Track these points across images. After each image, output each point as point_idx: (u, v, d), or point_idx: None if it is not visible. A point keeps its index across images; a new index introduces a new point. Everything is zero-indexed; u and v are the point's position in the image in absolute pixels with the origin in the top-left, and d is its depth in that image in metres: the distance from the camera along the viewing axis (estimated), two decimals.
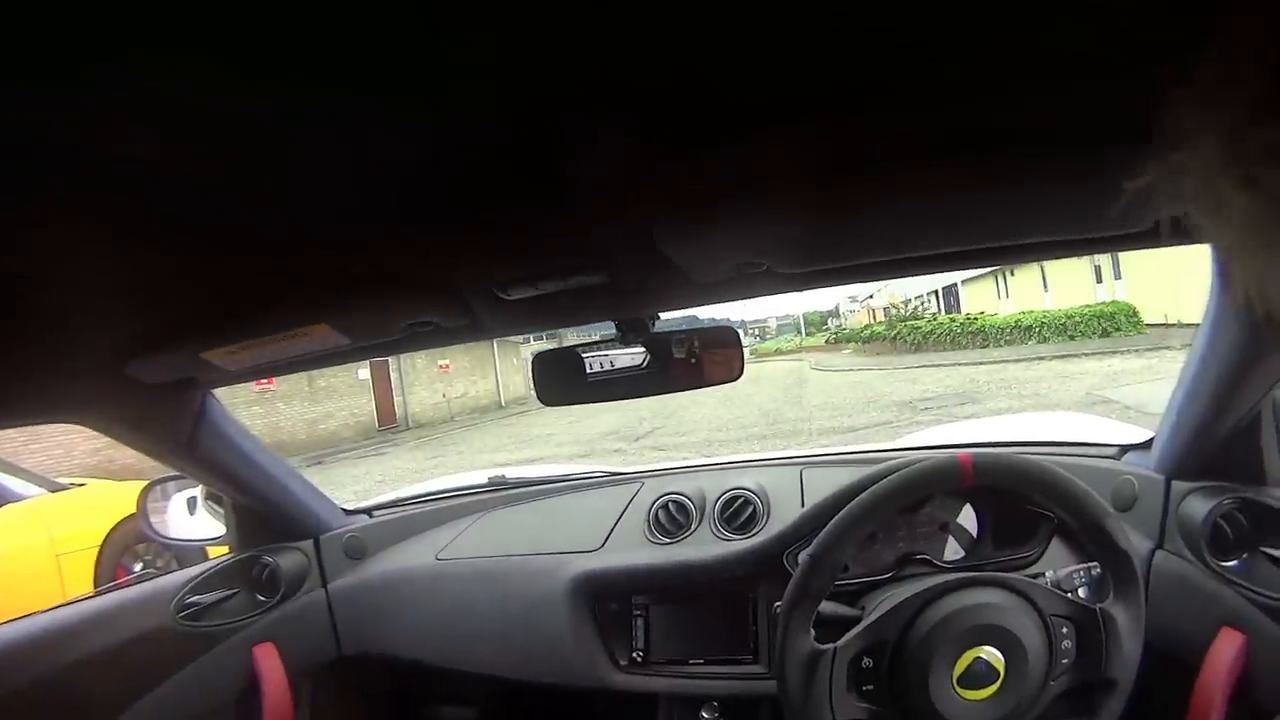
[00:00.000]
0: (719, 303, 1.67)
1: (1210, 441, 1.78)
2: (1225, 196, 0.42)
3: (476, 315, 1.49)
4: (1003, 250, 1.38)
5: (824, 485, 2.17)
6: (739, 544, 2.22)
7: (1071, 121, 0.86)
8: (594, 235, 1.18)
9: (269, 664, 2.24)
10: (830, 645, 1.62)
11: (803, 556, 1.71)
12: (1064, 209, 1.17)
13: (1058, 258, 1.53)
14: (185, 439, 1.96)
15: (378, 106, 0.73)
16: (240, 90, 0.66)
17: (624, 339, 1.71)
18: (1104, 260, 27.50)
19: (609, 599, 2.27)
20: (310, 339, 1.44)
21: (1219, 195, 0.42)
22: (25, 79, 0.59)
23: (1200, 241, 1.16)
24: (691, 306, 1.70)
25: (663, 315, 1.72)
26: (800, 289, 1.60)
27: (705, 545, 2.28)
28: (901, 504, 1.71)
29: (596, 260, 1.26)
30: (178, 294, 1.25)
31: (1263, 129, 0.39)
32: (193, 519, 2.47)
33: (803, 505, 2.26)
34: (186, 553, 5.60)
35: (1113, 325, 25.09)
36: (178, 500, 2.47)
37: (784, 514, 2.24)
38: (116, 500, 6.57)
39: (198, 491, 2.47)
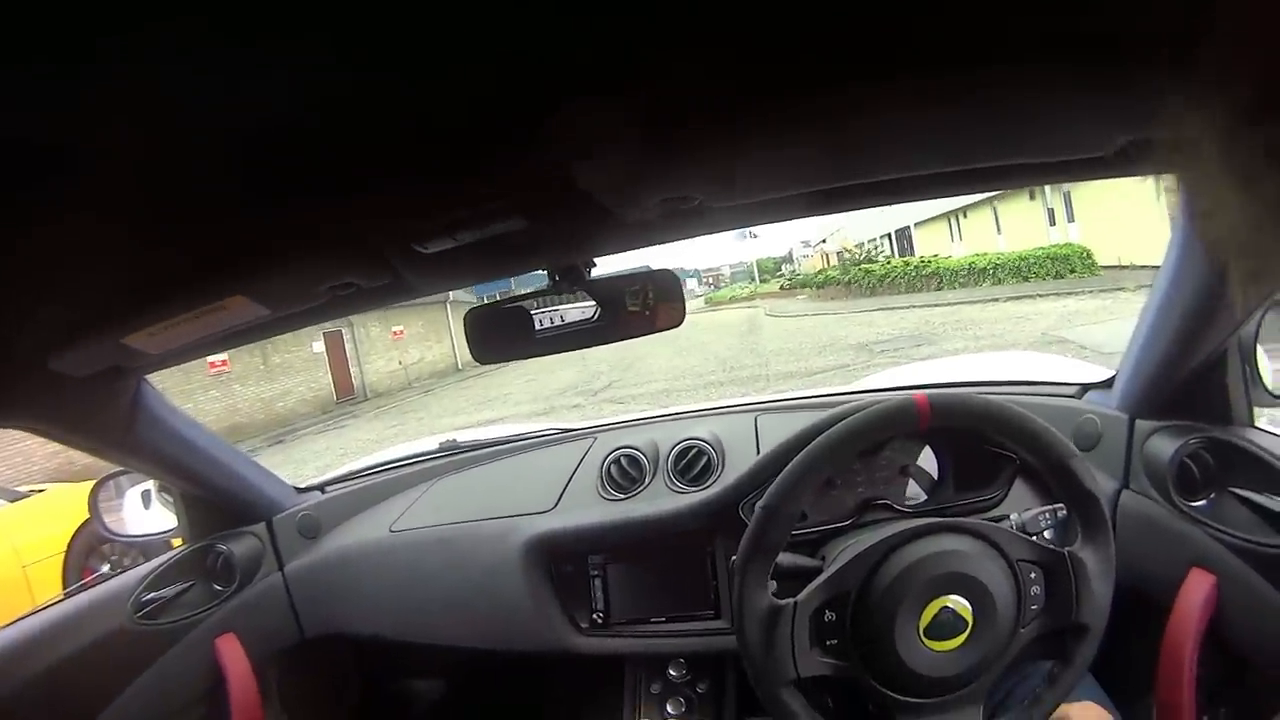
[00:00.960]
0: (654, 244, 1.60)
1: (1175, 380, 1.78)
2: (1223, 197, 0.41)
3: (398, 272, 1.42)
4: (950, 177, 1.32)
5: (780, 432, 2.16)
6: (693, 496, 2.20)
7: (1029, 36, 0.82)
8: (509, 178, 1.12)
9: (232, 655, 2.20)
10: (790, 600, 1.59)
11: (756, 508, 1.67)
12: (1023, 131, 1.12)
13: (1010, 186, 1.51)
14: (123, 431, 1.90)
15: (274, 53, 0.68)
16: (130, 41, 0.61)
17: (558, 289, 1.64)
18: (1057, 202, 27.91)
19: (564, 560, 2.25)
20: (230, 312, 1.38)
21: (1217, 195, 0.42)
22: None
23: (1154, 172, 1.14)
24: (625, 249, 1.64)
25: (601, 262, 1.66)
26: (737, 225, 1.55)
27: (659, 499, 2.26)
28: (858, 448, 1.67)
29: (512, 204, 1.19)
30: (89, 279, 1.19)
31: (1260, 129, 0.38)
32: (148, 513, 2.43)
33: (758, 453, 2.23)
34: (151, 548, 5.55)
35: (1067, 267, 25.56)
36: (132, 495, 2.41)
37: (739, 463, 2.21)
38: (78, 503, 6.44)
39: (151, 484, 2.41)
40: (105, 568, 6.46)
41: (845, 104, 0.96)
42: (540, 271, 1.63)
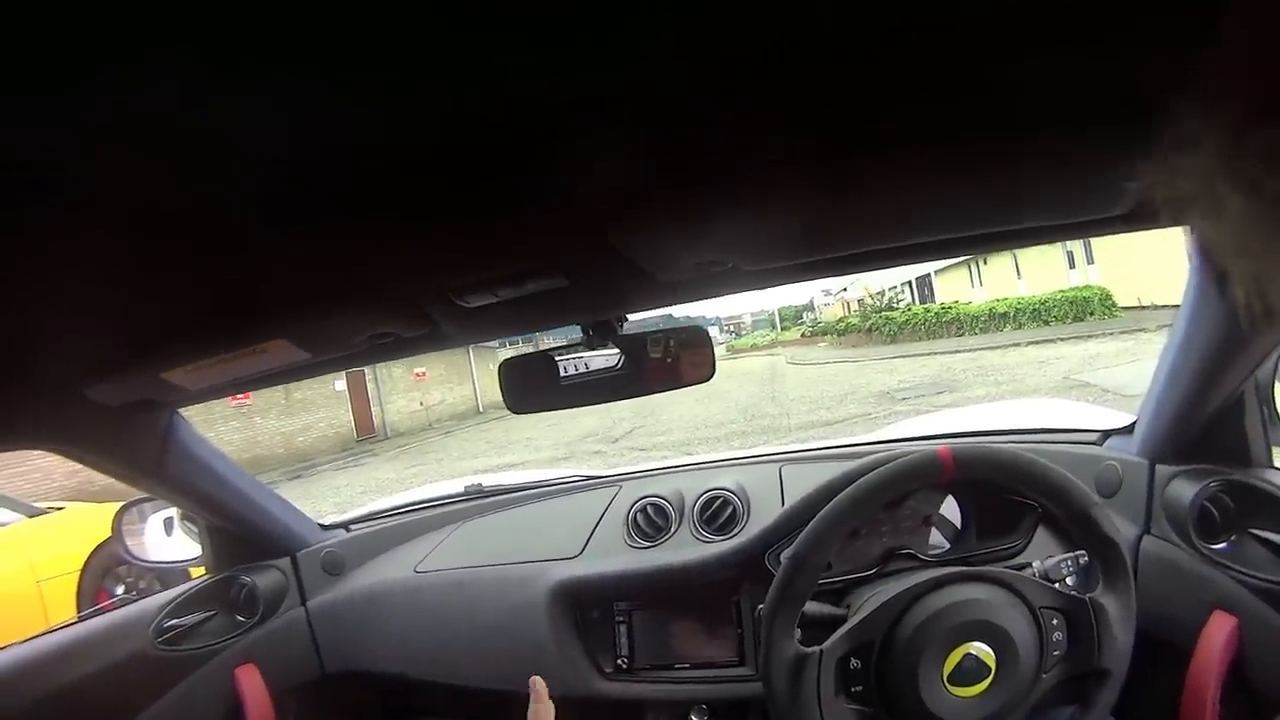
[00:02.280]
0: (685, 302, 1.64)
1: (1193, 424, 1.78)
2: (1224, 199, 0.41)
3: (437, 324, 1.46)
4: (975, 240, 1.35)
5: (804, 482, 2.15)
6: (719, 545, 2.20)
7: (1048, 108, 0.84)
8: (548, 239, 1.16)
9: (251, 685, 2.21)
10: (816, 648, 1.60)
11: (784, 557, 1.70)
12: (1041, 197, 1.15)
13: (1035, 244, 1.52)
14: (153, 461, 1.92)
15: (328, 103, 0.70)
16: (181, 93, 0.63)
17: (590, 343, 1.68)
18: (1076, 246, 27.78)
19: (590, 606, 2.26)
20: (270, 355, 1.41)
21: (1218, 198, 0.41)
22: None
23: (1174, 224, 1.15)
24: (657, 307, 1.67)
25: (631, 317, 1.69)
26: (767, 286, 1.57)
27: (685, 548, 2.26)
28: (883, 500, 1.69)
29: (552, 264, 1.23)
30: (133, 315, 1.22)
31: (1262, 131, 0.38)
32: (170, 540, 2.44)
33: (783, 503, 2.24)
34: (168, 574, 5.57)
35: (1087, 309, 25.40)
36: (154, 521, 2.43)
37: (764, 513, 2.22)
38: (96, 523, 6.53)
39: (174, 512, 2.43)
40: (120, 590, 6.47)
41: (877, 172, 1.00)
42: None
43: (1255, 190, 0.39)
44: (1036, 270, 30.90)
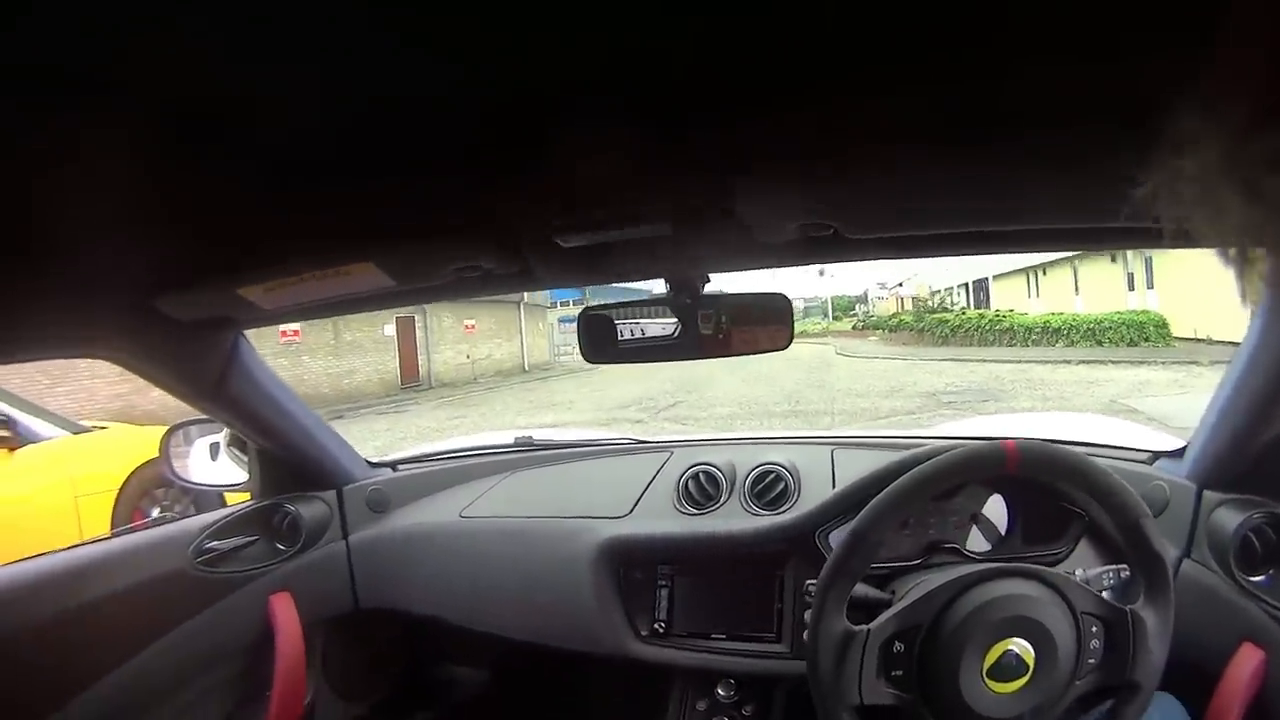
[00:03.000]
0: (779, 266, 1.65)
1: (1246, 454, 1.78)
2: (1226, 203, 0.41)
3: (528, 262, 1.45)
4: (1079, 234, 1.36)
5: (855, 467, 2.16)
6: (769, 519, 2.20)
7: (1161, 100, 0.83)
8: (660, 181, 1.15)
9: (285, 613, 2.24)
10: (863, 627, 1.61)
11: (843, 533, 1.70)
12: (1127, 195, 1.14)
13: (1129, 248, 1.51)
14: (214, 381, 1.94)
15: (443, 34, 0.70)
16: (297, 10, 0.63)
17: (674, 300, 1.69)
18: (1138, 267, 27.49)
19: (635, 566, 2.27)
20: (353, 278, 1.41)
21: (1220, 202, 0.41)
22: None
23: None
24: (749, 268, 1.67)
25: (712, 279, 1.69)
26: (862, 258, 1.58)
27: (735, 518, 2.27)
28: (944, 487, 1.70)
29: (661, 209, 1.22)
30: (214, 226, 1.22)
31: (1265, 136, 0.38)
32: (214, 464, 2.48)
33: (834, 485, 2.25)
34: (204, 499, 5.66)
35: (1141, 335, 25.14)
36: (200, 445, 2.47)
37: (815, 493, 2.23)
38: (137, 444, 6.64)
39: (221, 437, 2.46)
40: (156, 512, 6.57)
41: (987, 153, 1.01)
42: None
43: (1257, 194, 0.39)
44: (1095, 288, 30.62)
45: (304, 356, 23.70)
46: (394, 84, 0.81)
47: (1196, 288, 20.67)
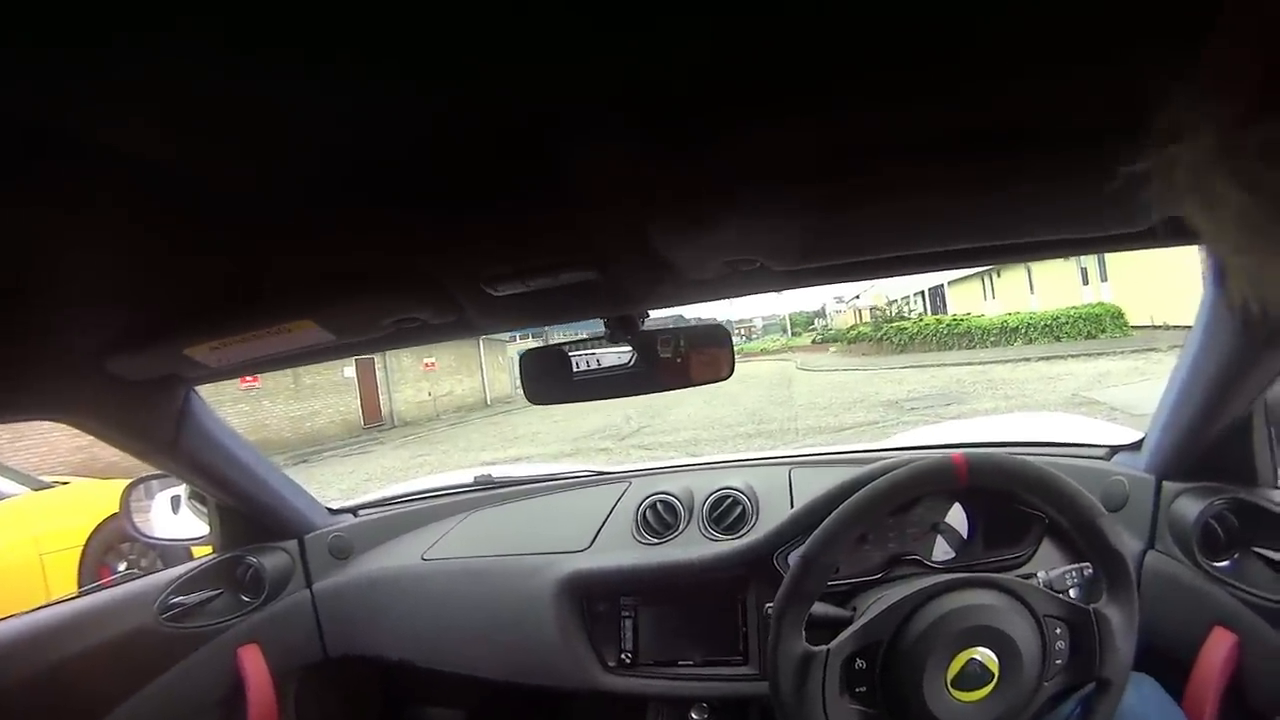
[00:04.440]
0: (711, 300, 1.67)
1: (1201, 442, 1.80)
2: (1221, 193, 0.42)
3: (464, 312, 1.47)
4: (1001, 249, 1.37)
5: (813, 485, 2.17)
6: (728, 544, 2.21)
7: (1069, 121, 0.86)
8: (585, 231, 1.17)
9: (254, 665, 2.23)
10: (823, 647, 1.61)
11: (795, 557, 1.71)
12: (1062, 210, 1.16)
13: (1056, 257, 1.54)
14: (169, 437, 1.94)
15: (370, 89, 0.71)
16: (229, 68, 0.64)
17: (612, 336, 1.70)
18: (1090, 262, 27.75)
19: (597, 599, 2.27)
20: (295, 335, 1.42)
21: (1215, 192, 0.42)
22: None
23: (1195, 242, 1.16)
24: (683, 304, 1.69)
25: (651, 314, 1.71)
26: (793, 286, 1.60)
27: (694, 545, 2.27)
28: (895, 504, 1.70)
29: (587, 256, 1.25)
30: (159, 289, 1.23)
31: (1260, 126, 0.39)
32: (176, 518, 2.46)
33: (792, 505, 2.26)
34: (171, 552, 5.63)
35: (1099, 327, 25.34)
36: (161, 499, 2.45)
37: (773, 514, 2.23)
38: (100, 499, 6.57)
39: (181, 490, 2.45)
40: (123, 566, 6.53)
41: (906, 181, 1.02)
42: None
43: (1253, 185, 0.40)
44: (1050, 285, 30.88)
45: (264, 401, 23.59)
46: (318, 151, 0.82)
47: (1149, 277, 20.91)
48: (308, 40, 0.61)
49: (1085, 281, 29.20)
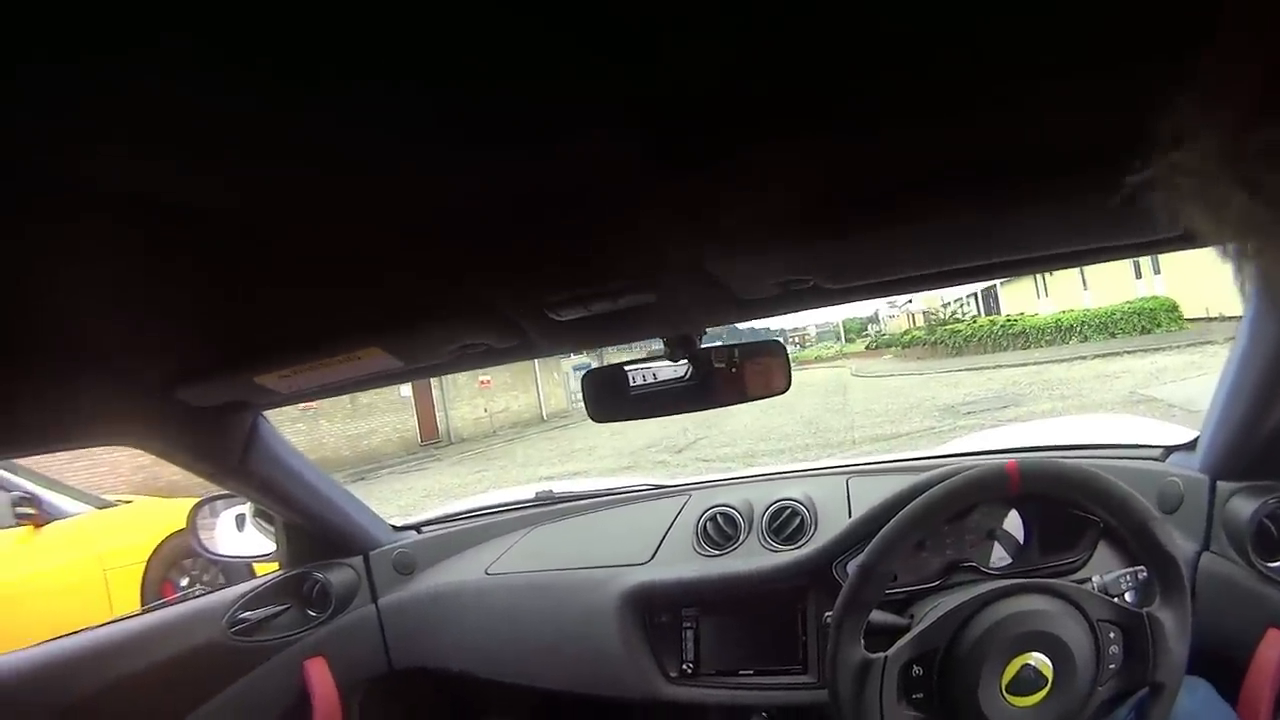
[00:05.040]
0: (764, 317, 1.68)
1: (1255, 440, 1.79)
2: (1225, 197, 0.42)
3: (528, 336, 1.50)
4: (1043, 259, 1.39)
5: (871, 494, 2.18)
6: (788, 555, 2.22)
7: (1103, 140, 0.87)
8: (642, 257, 1.20)
9: (320, 678, 2.28)
10: (881, 654, 1.63)
11: (852, 567, 1.73)
12: (1105, 221, 1.17)
13: (1098, 263, 1.54)
14: (237, 460, 1.99)
15: (453, 139, 0.74)
16: (295, 105, 0.66)
17: (672, 355, 1.73)
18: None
19: (659, 611, 2.28)
20: (363, 362, 1.46)
21: (1219, 196, 0.42)
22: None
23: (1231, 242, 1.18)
24: (737, 322, 1.71)
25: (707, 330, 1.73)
26: (843, 302, 1.60)
27: (754, 556, 2.28)
28: (949, 513, 1.72)
29: (645, 282, 1.27)
30: (231, 320, 1.27)
31: (1262, 130, 0.39)
32: (241, 536, 2.51)
33: (850, 515, 2.26)
34: (234, 569, 5.69)
35: (1153, 322, 25.10)
36: (226, 517, 2.50)
37: (832, 524, 2.24)
38: (162, 516, 6.70)
39: (246, 509, 2.50)
40: (184, 582, 6.60)
41: (953, 204, 1.04)
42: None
43: (1256, 189, 0.40)
44: (1103, 281, 30.43)
45: (321, 421, 23.75)
46: (385, 188, 0.85)
47: (1202, 268, 20.57)
48: (369, 75, 0.62)
49: (1138, 275, 28.76)
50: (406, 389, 27.03)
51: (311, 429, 23.24)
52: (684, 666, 2.23)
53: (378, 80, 0.63)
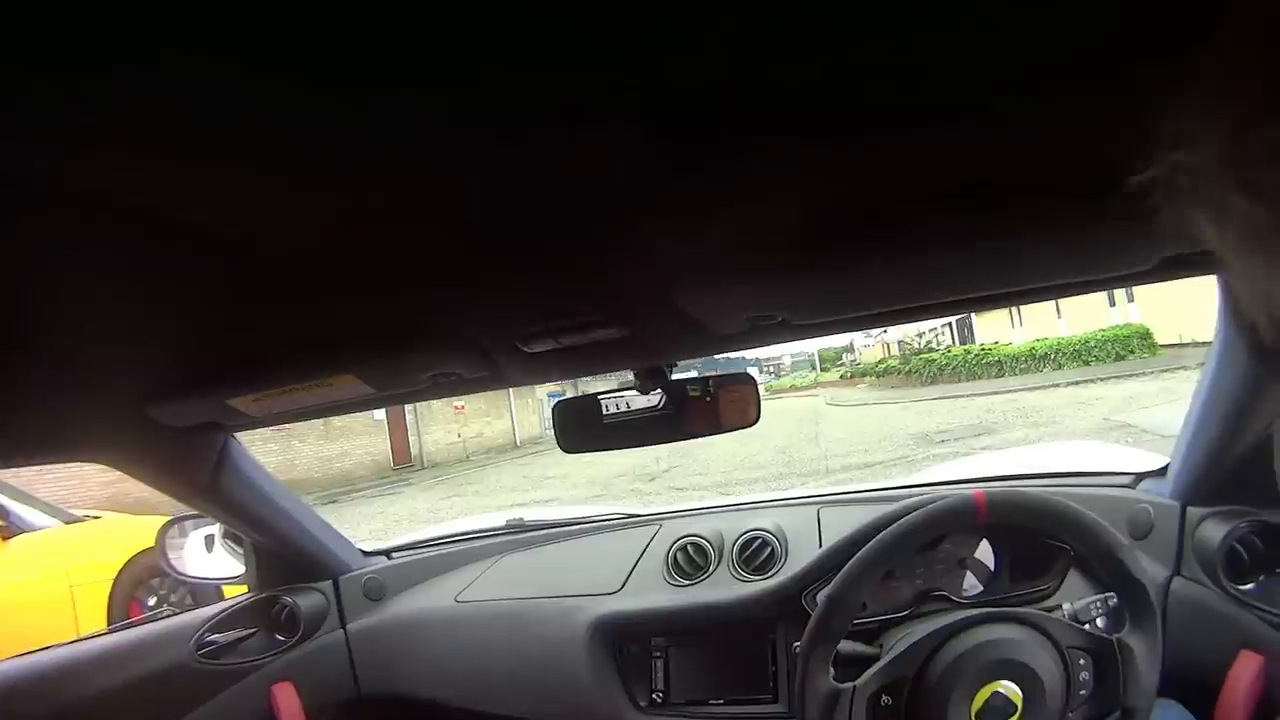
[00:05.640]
0: (734, 351, 1.71)
1: (1223, 466, 1.81)
2: (1226, 199, 0.42)
3: (499, 366, 1.51)
4: (1012, 295, 1.40)
5: (841, 524, 2.19)
6: (758, 585, 2.22)
7: (1073, 174, 0.87)
8: (613, 293, 1.21)
9: (287, 703, 2.25)
10: (850, 684, 1.63)
11: (821, 597, 1.73)
12: (1073, 257, 1.20)
13: (1067, 296, 1.55)
14: (207, 480, 1.98)
15: (404, 156, 0.73)
16: (278, 121, 0.65)
17: (642, 387, 1.72)
18: None
19: (629, 640, 2.28)
20: (336, 388, 1.46)
21: (1219, 198, 0.42)
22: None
23: (1197, 274, 1.19)
24: (708, 355, 1.73)
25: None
26: (813, 336, 1.63)
27: (724, 586, 2.28)
28: (917, 544, 1.74)
29: (615, 316, 1.29)
30: (205, 342, 1.27)
31: (1263, 131, 0.39)
32: (210, 557, 2.48)
33: (820, 545, 2.27)
34: (202, 590, 5.64)
35: (1127, 349, 25.41)
36: (195, 538, 2.48)
37: (802, 554, 2.25)
38: (131, 534, 6.63)
39: (215, 529, 2.47)
40: (152, 601, 6.54)
41: (920, 238, 1.05)
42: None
43: (1257, 191, 0.40)
44: (1077, 310, 30.69)
45: (294, 442, 23.70)
46: (363, 215, 0.85)
47: (1175, 294, 20.79)
48: (353, 84, 0.62)
49: (1113, 304, 29.09)
50: (380, 412, 26.96)
51: (284, 450, 23.17)
52: (654, 696, 2.22)
53: (356, 89, 0.62)
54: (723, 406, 1.76)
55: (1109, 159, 0.75)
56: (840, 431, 20.86)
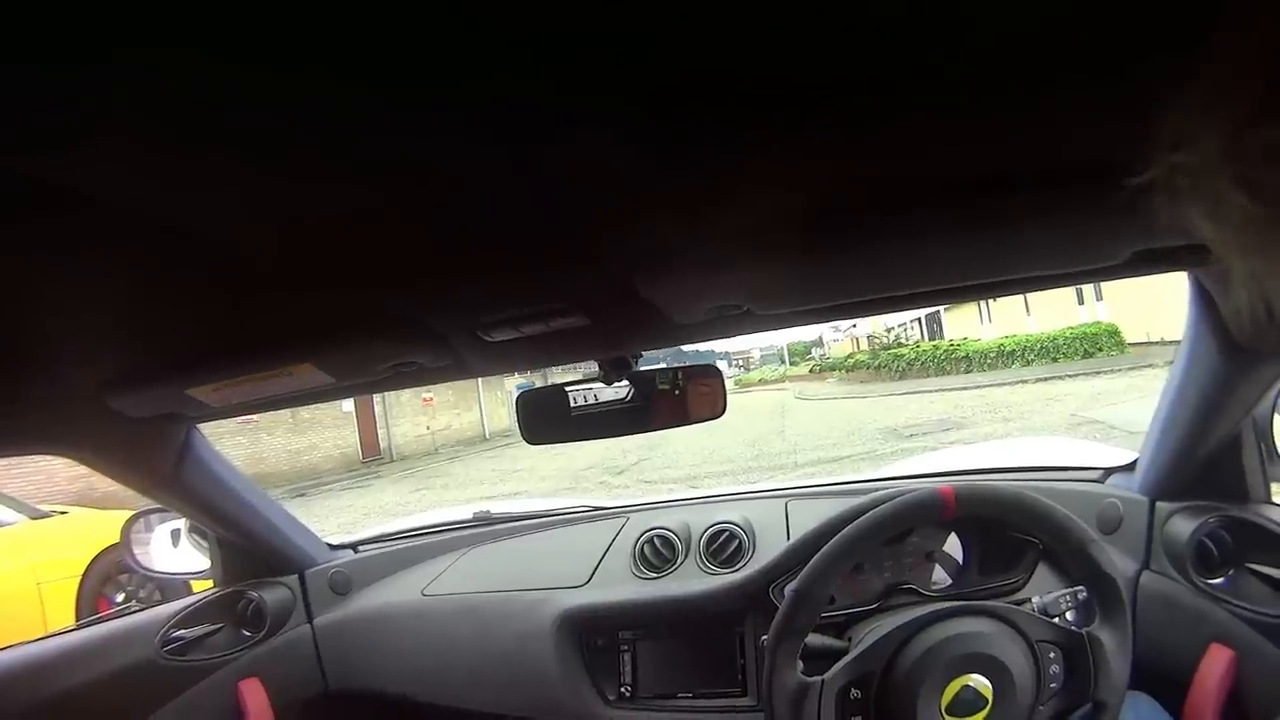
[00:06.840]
0: (699, 341, 1.69)
1: (1192, 462, 1.82)
2: (1224, 197, 0.41)
3: (460, 356, 1.50)
4: (979, 288, 1.39)
5: (809, 517, 2.19)
6: (725, 578, 2.22)
7: (1046, 166, 0.87)
8: (574, 280, 1.20)
9: (254, 699, 2.24)
10: (818, 678, 1.63)
11: (787, 591, 1.72)
12: (1041, 249, 1.20)
13: (1036, 290, 1.56)
14: (169, 472, 1.96)
15: (369, 143, 0.72)
16: (235, 109, 0.64)
17: (606, 378, 1.72)
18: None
19: (596, 634, 2.27)
20: (296, 378, 1.45)
21: (1218, 196, 0.42)
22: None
23: (1170, 270, 1.19)
24: (672, 345, 1.71)
25: (645, 353, 1.73)
26: (779, 328, 1.61)
27: (691, 579, 2.28)
28: (885, 537, 1.73)
29: (577, 304, 1.28)
30: (162, 331, 1.25)
31: (1262, 129, 0.39)
32: (176, 551, 2.46)
33: (788, 538, 2.28)
34: (170, 585, 5.60)
35: (1095, 346, 25.52)
36: (161, 532, 2.45)
37: (770, 547, 2.25)
38: (99, 529, 6.60)
39: (182, 524, 2.45)
40: (120, 597, 6.54)
41: (885, 229, 1.04)
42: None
43: (1256, 189, 0.40)
44: (1046, 307, 30.88)
45: (262, 435, 23.60)
46: (321, 203, 0.84)
47: (1143, 293, 20.93)
48: (314, 75, 0.61)
49: (1081, 301, 29.26)
50: (348, 404, 26.93)
51: (252, 442, 23.06)
52: (622, 689, 2.22)
53: (321, 80, 0.61)
54: (690, 398, 1.76)
55: (1087, 153, 0.76)
56: (809, 426, 20.88)
